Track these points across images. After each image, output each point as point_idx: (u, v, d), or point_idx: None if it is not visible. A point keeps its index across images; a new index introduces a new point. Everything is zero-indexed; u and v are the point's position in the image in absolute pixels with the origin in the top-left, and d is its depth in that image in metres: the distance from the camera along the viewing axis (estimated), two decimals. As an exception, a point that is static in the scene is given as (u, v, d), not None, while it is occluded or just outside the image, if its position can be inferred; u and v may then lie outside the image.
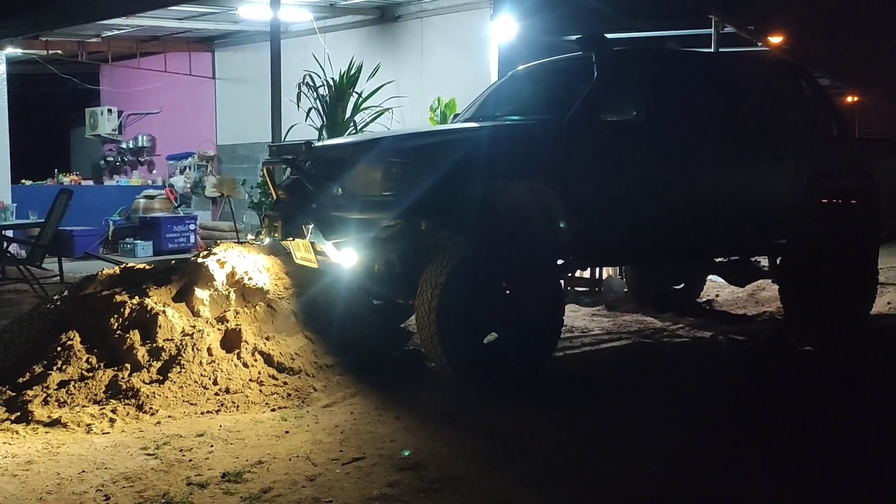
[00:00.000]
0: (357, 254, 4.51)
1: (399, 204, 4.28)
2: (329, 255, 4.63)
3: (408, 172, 4.32)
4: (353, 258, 4.53)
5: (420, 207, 4.27)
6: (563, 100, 4.98)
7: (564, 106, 4.87)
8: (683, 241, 5.44)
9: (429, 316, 4.29)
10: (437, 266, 4.33)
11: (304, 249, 4.82)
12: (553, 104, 5.14)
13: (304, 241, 4.71)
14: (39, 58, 12.02)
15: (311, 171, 4.89)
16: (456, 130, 5.23)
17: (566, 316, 6.54)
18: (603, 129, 4.82)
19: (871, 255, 6.33)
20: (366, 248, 4.50)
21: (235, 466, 3.29)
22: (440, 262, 4.33)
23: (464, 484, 3.14)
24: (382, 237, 4.46)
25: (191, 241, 11.35)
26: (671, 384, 4.75)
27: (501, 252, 4.52)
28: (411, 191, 4.26)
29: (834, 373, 5.06)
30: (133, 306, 4.52)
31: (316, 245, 4.67)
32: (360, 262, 4.56)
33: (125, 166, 14.67)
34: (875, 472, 3.39)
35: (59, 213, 7.75)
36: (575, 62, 5.57)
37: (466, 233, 4.42)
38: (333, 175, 4.68)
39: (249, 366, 4.39)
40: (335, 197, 4.61)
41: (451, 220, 4.42)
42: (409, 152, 4.49)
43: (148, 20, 10.68)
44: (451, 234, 4.45)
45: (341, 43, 10.08)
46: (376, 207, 4.38)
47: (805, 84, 6.29)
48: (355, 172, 4.56)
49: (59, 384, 4.09)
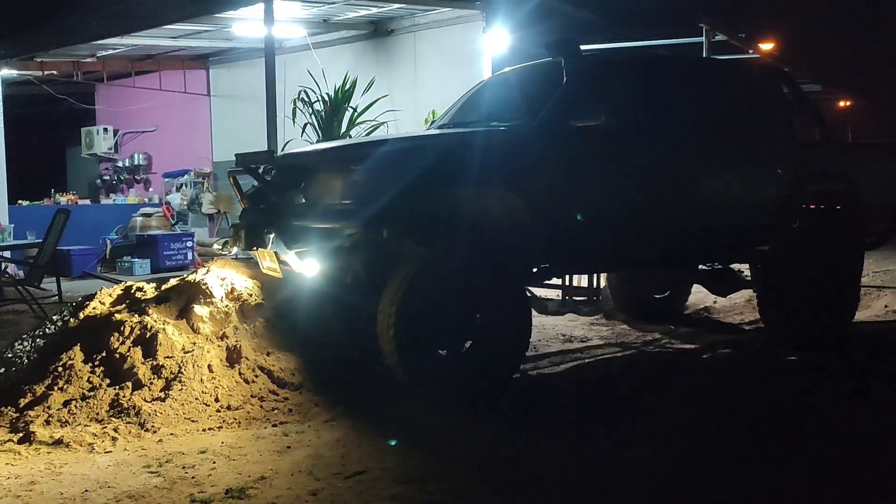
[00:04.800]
0: (319, 263, 4.41)
1: (360, 212, 4.16)
2: (292, 264, 4.54)
3: (368, 180, 4.24)
4: (316, 268, 4.43)
5: (381, 216, 4.15)
6: (535, 106, 4.83)
7: (536, 112, 4.77)
8: (659, 247, 5.29)
9: (387, 329, 4.21)
10: (397, 278, 4.25)
11: (269, 259, 4.72)
12: (525, 110, 5.01)
13: (268, 251, 4.61)
14: (35, 78, 12.08)
15: (274, 180, 4.82)
16: (419, 137, 5.17)
17: (566, 325, 6.62)
18: (572, 135, 4.71)
19: (855, 260, 6.14)
20: (328, 257, 4.38)
21: (238, 482, 3.29)
22: (401, 273, 4.26)
23: (465, 497, 3.15)
24: (345, 246, 4.32)
25: (188, 259, 11.34)
26: (665, 395, 4.75)
27: (465, 262, 4.39)
28: (372, 199, 4.15)
29: (818, 381, 5.03)
30: (133, 324, 4.54)
31: (279, 255, 4.58)
32: (322, 271, 4.46)
33: (121, 185, 14.70)
34: (854, 471, 3.44)
35: (56, 233, 7.75)
36: (548, 67, 5.42)
37: (428, 242, 4.33)
38: (296, 183, 4.61)
39: (250, 382, 4.40)
40: (297, 206, 4.54)
41: (413, 229, 4.31)
42: (369, 159, 4.37)
43: (142, 39, 10.74)
44: (413, 244, 4.36)
45: (335, 58, 10.13)
46: (337, 216, 4.26)
47: (786, 88, 6.17)
48: (317, 180, 4.50)
49: (60, 404, 4.09)
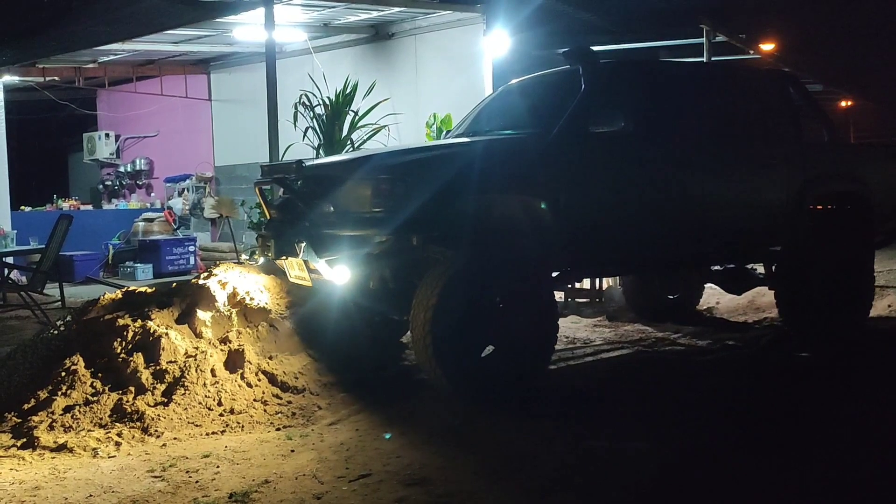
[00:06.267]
0: (350, 271, 4.51)
1: (390, 220, 4.28)
2: (322, 272, 4.62)
3: (397, 188, 4.32)
4: (346, 275, 4.52)
5: (411, 223, 4.27)
6: (553, 113, 4.98)
7: (554, 119, 4.88)
8: (677, 250, 5.45)
9: (424, 334, 4.28)
10: (430, 282, 4.33)
11: (298, 268, 4.81)
12: (543, 117, 5.14)
13: (297, 260, 4.71)
14: (37, 84, 12.09)
15: (303, 190, 4.90)
16: (445, 146, 5.26)
17: (569, 327, 6.63)
18: (592, 141, 4.84)
19: (866, 259, 6.33)
20: (358, 265, 4.49)
21: (242, 486, 3.29)
22: (433, 279, 4.33)
23: (471, 498, 3.15)
24: (375, 254, 4.45)
25: (191, 263, 11.35)
26: (670, 394, 4.76)
27: (494, 266, 4.51)
28: (402, 207, 4.26)
29: (829, 377, 5.08)
30: (136, 329, 4.54)
31: (309, 263, 4.66)
32: (353, 279, 4.56)
33: (123, 190, 14.71)
34: (859, 465, 3.43)
35: (59, 239, 7.77)
36: (564, 75, 5.58)
37: (458, 247, 4.42)
38: (324, 193, 4.69)
39: (253, 385, 4.41)
40: (327, 215, 4.62)
41: (442, 235, 4.42)
42: (398, 168, 4.49)
43: (144, 45, 10.74)
44: (443, 249, 4.45)
45: (336, 62, 10.13)
46: (367, 224, 4.38)
47: (794, 91, 6.30)
48: (346, 190, 4.57)
49: (64, 409, 4.09)
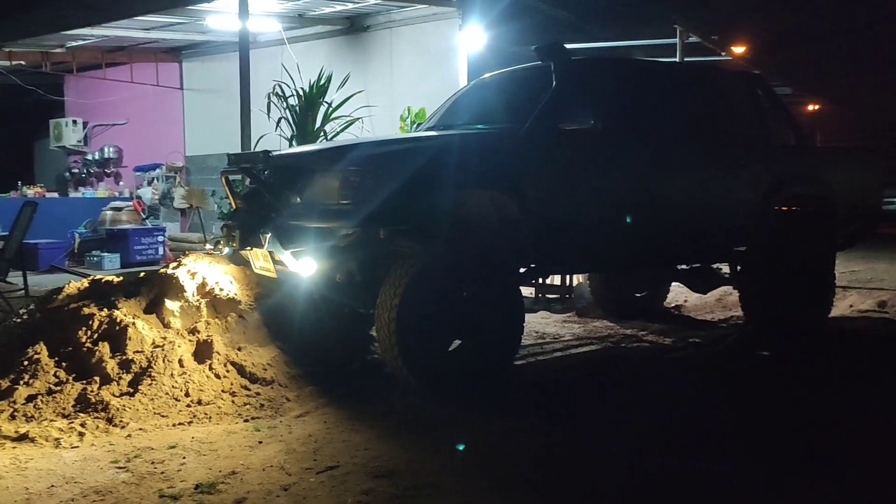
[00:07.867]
0: (316, 263, 4.47)
1: (357, 212, 4.24)
2: (287, 264, 4.57)
3: (366, 181, 4.30)
4: (312, 267, 4.48)
5: (378, 216, 4.25)
6: (524, 109, 4.97)
7: (525, 115, 4.88)
8: (644, 248, 5.47)
9: (389, 332, 4.27)
10: (396, 277, 4.31)
11: (263, 259, 4.76)
12: (514, 113, 5.15)
13: (263, 251, 4.66)
14: (2, 68, 11.86)
15: (269, 180, 4.86)
16: (414, 139, 5.25)
17: (538, 323, 6.67)
18: (561, 138, 4.84)
19: (828, 260, 6.48)
20: (324, 257, 4.46)
21: (209, 478, 3.26)
22: (399, 274, 4.32)
23: (438, 490, 3.15)
24: (341, 246, 4.42)
25: (159, 253, 11.21)
26: (636, 389, 4.81)
27: (462, 260, 4.51)
28: (369, 199, 4.23)
29: (791, 374, 5.17)
30: (102, 318, 4.47)
31: (274, 254, 4.61)
32: (319, 271, 4.52)
33: (91, 178, 14.49)
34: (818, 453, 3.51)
35: (23, 226, 7.62)
36: (536, 71, 5.57)
37: (425, 241, 4.41)
38: (291, 184, 4.65)
39: (221, 377, 4.36)
40: (293, 206, 4.59)
41: (410, 229, 4.40)
42: (366, 161, 4.45)
43: (114, 30, 10.59)
44: (410, 243, 4.43)
45: (311, 53, 10.08)
46: (334, 216, 4.34)
47: (762, 93, 6.38)
48: (313, 181, 4.54)
49: (26, 398, 4.02)
